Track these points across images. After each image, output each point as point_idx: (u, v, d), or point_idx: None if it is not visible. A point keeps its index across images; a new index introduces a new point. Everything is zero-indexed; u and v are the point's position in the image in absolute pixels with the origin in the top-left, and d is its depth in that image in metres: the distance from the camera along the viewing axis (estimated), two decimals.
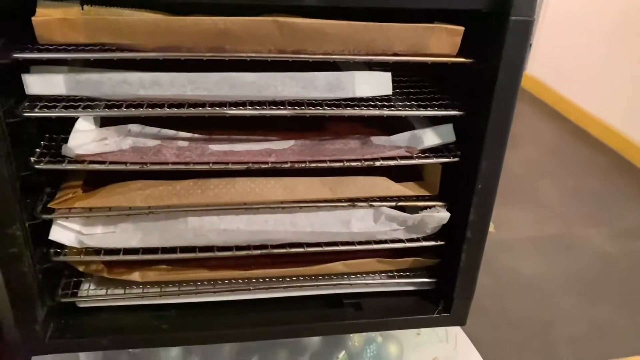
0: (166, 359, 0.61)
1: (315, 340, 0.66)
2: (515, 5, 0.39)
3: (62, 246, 0.46)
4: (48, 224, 0.45)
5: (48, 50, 0.39)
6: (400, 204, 0.48)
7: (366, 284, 0.52)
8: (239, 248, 0.48)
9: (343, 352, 0.67)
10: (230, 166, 0.44)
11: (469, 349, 0.77)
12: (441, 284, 0.53)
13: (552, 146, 2.97)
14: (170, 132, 0.45)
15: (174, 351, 0.62)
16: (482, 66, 0.43)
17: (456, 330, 0.81)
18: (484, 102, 0.43)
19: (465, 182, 0.46)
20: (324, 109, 0.44)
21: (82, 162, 0.43)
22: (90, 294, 0.49)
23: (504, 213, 2.35)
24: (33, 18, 0.38)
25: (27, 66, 0.41)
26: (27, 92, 0.41)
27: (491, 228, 0.50)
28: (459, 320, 0.52)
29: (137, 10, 0.39)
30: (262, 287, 0.50)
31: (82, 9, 0.38)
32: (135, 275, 0.49)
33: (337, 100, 0.44)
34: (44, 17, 0.37)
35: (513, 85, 0.42)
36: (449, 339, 0.80)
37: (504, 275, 2.03)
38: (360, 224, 0.48)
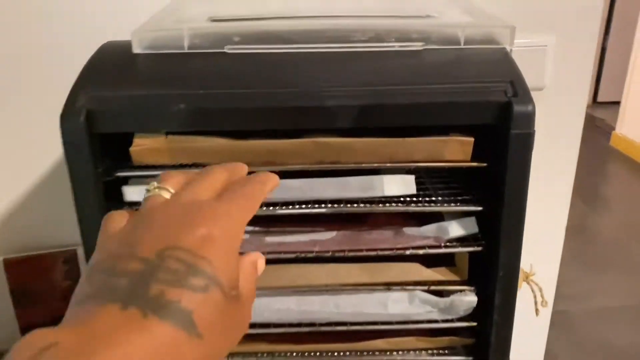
0: None
1: None
2: (514, 121, 0.46)
3: None
4: None
5: (140, 169, 0.51)
6: (432, 288, 0.54)
7: None
8: (291, 325, 0.56)
9: None
10: (282, 255, 0.53)
11: None
12: None
13: None
14: None
15: None
16: (493, 169, 0.49)
17: None
18: (498, 200, 0.49)
19: (489, 269, 0.52)
20: (359, 207, 0.52)
21: None
22: None
23: (597, 279, 2.24)
24: (130, 149, 0.50)
25: (127, 178, 0.53)
26: (125, 200, 0.52)
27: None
28: None
29: (208, 137, 0.50)
30: None
31: (167, 137, 0.50)
32: None
33: (371, 197, 0.52)
34: (138, 146, 0.49)
35: (521, 188, 0.48)
36: None
37: (596, 348, 1.92)
38: (397, 305, 0.54)
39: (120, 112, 0.47)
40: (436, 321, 0.55)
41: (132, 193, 0.52)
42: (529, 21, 0.82)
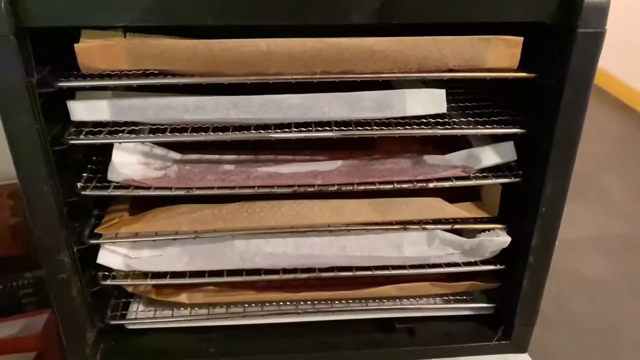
0: None
1: None
2: (583, 16, 0.35)
3: (110, 269, 0.46)
4: (96, 248, 0.45)
5: (92, 78, 0.38)
6: (456, 226, 0.45)
7: (420, 308, 0.49)
8: (286, 271, 0.46)
9: None
10: (276, 189, 0.43)
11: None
12: (501, 309, 0.49)
13: (617, 139, 2.80)
14: (215, 157, 0.44)
15: None
16: (545, 81, 0.39)
17: None
18: (549, 120, 0.39)
19: (527, 204, 0.43)
20: (373, 130, 0.41)
21: (128, 187, 0.42)
22: (139, 316, 0.49)
23: (567, 210, 2.24)
24: (75, 45, 0.37)
25: (73, 92, 0.41)
26: (72, 119, 0.40)
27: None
28: (520, 347, 0.49)
29: (179, 39, 0.38)
30: (310, 309, 0.49)
31: (125, 36, 0.37)
32: (183, 297, 0.48)
33: (387, 119, 0.42)
34: (86, 45, 0.37)
35: (581, 103, 0.38)
36: None
37: (567, 278, 1.93)
38: (413, 248, 0.45)
39: None
40: (457, 264, 0.47)
41: (81, 110, 0.40)
42: None
